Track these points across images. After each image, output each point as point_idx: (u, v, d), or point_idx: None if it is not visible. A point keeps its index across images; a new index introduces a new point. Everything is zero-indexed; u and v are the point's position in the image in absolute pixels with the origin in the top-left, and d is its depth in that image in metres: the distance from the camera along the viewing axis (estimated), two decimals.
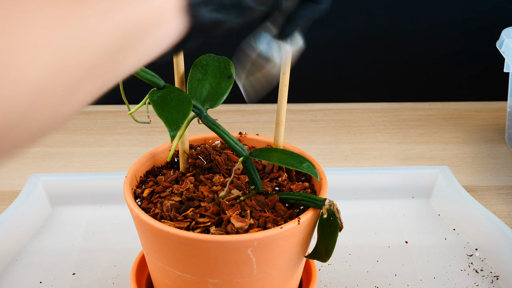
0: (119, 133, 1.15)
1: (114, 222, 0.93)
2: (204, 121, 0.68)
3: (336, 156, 1.09)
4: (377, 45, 1.21)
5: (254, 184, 0.70)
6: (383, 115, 1.20)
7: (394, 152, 1.10)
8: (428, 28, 1.20)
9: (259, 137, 0.80)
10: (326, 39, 1.20)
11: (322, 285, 0.83)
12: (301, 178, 0.75)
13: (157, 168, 0.76)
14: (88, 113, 1.21)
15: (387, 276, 0.84)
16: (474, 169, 1.06)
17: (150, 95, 0.65)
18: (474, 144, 1.12)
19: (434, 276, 0.84)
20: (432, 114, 1.20)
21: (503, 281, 0.83)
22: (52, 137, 1.14)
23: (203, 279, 0.66)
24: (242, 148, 0.69)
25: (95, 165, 1.07)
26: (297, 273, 0.72)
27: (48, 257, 0.87)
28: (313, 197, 0.67)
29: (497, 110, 1.21)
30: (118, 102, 1.23)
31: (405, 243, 0.90)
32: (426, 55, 1.22)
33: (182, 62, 0.72)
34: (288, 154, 0.68)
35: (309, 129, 1.16)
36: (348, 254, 0.88)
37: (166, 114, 0.62)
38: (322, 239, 0.68)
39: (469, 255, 0.88)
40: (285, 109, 0.73)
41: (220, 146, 0.78)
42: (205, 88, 0.70)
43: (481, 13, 1.18)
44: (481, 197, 0.99)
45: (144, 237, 0.68)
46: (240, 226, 0.65)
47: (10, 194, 0.99)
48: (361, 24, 1.20)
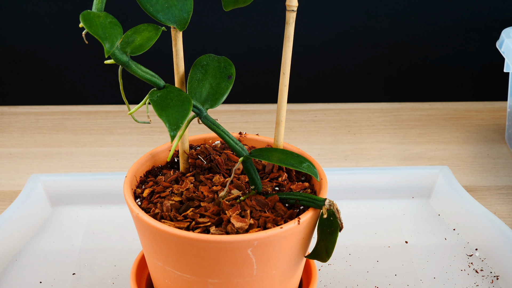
0: (119, 133, 1.15)
1: (114, 222, 0.93)
2: (204, 121, 0.68)
3: (336, 156, 1.09)
4: (377, 45, 1.21)
5: (254, 184, 0.70)
6: (383, 115, 1.20)
7: (394, 152, 1.10)
8: (428, 28, 1.20)
9: (259, 137, 0.80)
10: (326, 39, 1.20)
11: (322, 285, 0.83)
12: (301, 178, 0.75)
13: (157, 168, 0.76)
14: (88, 113, 1.21)
15: (387, 276, 0.84)
16: (474, 169, 1.06)
17: (150, 95, 0.65)
18: (474, 144, 1.12)
19: (434, 276, 0.84)
20: (432, 114, 1.21)
21: (503, 281, 0.83)
22: (52, 137, 1.14)
23: (203, 279, 0.66)
24: (242, 148, 0.69)
25: (95, 165, 1.07)
26: (297, 273, 0.72)
27: (48, 257, 0.87)
28: (313, 197, 0.67)
29: (497, 110, 1.21)
30: (118, 102, 1.23)
31: (405, 243, 0.90)
32: (426, 55, 1.22)
33: (182, 62, 0.72)
34: (288, 154, 0.68)
35: (309, 129, 1.16)
36: (348, 254, 0.88)
37: (166, 114, 0.62)
38: (322, 239, 0.68)
39: (469, 255, 0.88)
40: (285, 109, 0.73)
41: (220, 146, 0.78)
42: (205, 88, 0.70)
43: (481, 13, 1.18)
44: (481, 197, 0.99)
45: (144, 237, 0.68)
46: (240, 226, 0.65)
47: (10, 194, 1.00)
48: (361, 24, 1.20)
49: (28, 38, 1.19)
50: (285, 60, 0.71)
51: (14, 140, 1.13)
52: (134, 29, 0.66)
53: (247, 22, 1.19)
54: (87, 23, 0.59)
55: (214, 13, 1.16)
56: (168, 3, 0.66)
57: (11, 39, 1.19)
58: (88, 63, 1.21)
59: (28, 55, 1.21)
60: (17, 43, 1.20)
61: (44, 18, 1.18)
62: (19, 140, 1.14)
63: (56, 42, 1.20)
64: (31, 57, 1.21)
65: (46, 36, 1.19)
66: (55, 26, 1.19)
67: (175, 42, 0.70)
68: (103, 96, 1.24)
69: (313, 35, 1.20)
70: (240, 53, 1.21)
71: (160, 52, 0.98)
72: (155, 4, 0.66)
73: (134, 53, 0.64)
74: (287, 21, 0.70)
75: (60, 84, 1.23)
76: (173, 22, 0.67)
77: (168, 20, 0.66)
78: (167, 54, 0.82)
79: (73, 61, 1.22)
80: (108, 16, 0.61)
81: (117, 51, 0.63)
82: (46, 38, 1.20)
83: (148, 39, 0.64)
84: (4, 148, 1.11)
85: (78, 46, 1.17)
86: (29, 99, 1.23)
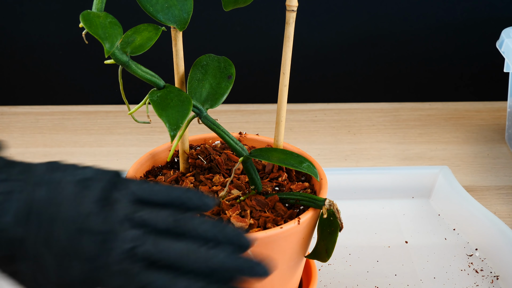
0: (119, 133, 1.15)
1: None
2: (204, 121, 0.68)
3: (336, 156, 1.09)
4: (377, 45, 1.21)
5: (254, 184, 0.70)
6: (383, 115, 1.20)
7: (394, 152, 1.10)
8: (428, 28, 1.20)
9: (259, 137, 0.80)
10: (326, 39, 1.20)
11: (322, 285, 0.83)
12: (301, 178, 0.75)
13: (157, 168, 0.76)
14: (88, 113, 1.21)
15: (387, 276, 0.84)
16: (474, 169, 1.06)
17: (150, 95, 0.65)
18: (474, 144, 1.12)
19: (434, 276, 0.84)
20: (432, 114, 1.20)
21: (503, 281, 0.83)
22: (52, 137, 1.14)
23: None
24: (242, 148, 0.69)
25: (95, 165, 1.07)
26: (297, 273, 0.72)
27: None
28: (313, 197, 0.67)
29: (497, 110, 1.21)
30: (118, 102, 1.23)
31: (405, 243, 0.90)
32: (426, 55, 1.22)
33: (182, 62, 0.72)
34: (288, 154, 0.68)
35: (309, 129, 1.16)
36: (348, 254, 0.88)
37: (166, 114, 0.62)
38: (322, 239, 0.68)
39: (469, 255, 0.88)
40: (285, 109, 0.73)
41: (220, 146, 0.78)
42: (205, 88, 0.70)
43: (481, 13, 1.18)
44: (481, 197, 0.99)
45: None
46: (240, 226, 0.65)
47: None
48: (361, 24, 1.20)
49: (28, 38, 1.19)
50: (285, 60, 0.71)
51: (14, 140, 1.13)
52: (134, 29, 0.66)
53: (247, 22, 1.19)
54: (87, 23, 0.59)
55: (214, 13, 1.16)
56: (168, 3, 0.66)
57: (11, 39, 1.19)
58: (88, 63, 1.21)
59: (28, 55, 1.21)
60: (17, 43, 1.20)
61: (44, 18, 1.18)
62: (19, 140, 1.14)
63: (56, 42, 1.20)
64: (31, 57, 1.21)
65: (46, 36, 1.19)
66: (55, 26, 1.18)
67: (175, 42, 0.70)
68: (103, 96, 1.24)
69: (313, 35, 1.20)
70: (240, 53, 1.21)
71: (160, 52, 0.98)
72: (155, 4, 0.66)
73: (134, 53, 0.64)
74: (287, 21, 0.70)
75: (60, 84, 1.23)
76: (173, 22, 0.67)
77: (168, 20, 0.66)
78: (167, 54, 0.82)
79: (73, 61, 1.22)
80: (108, 16, 0.61)
81: (117, 51, 0.63)
82: (46, 38, 1.19)
83: (148, 39, 0.64)
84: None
85: (78, 46, 1.16)
86: (29, 99, 1.23)
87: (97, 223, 0.51)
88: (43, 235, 0.51)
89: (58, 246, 0.51)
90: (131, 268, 0.50)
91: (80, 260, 0.51)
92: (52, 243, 0.51)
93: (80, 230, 0.51)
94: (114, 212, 0.52)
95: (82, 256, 0.51)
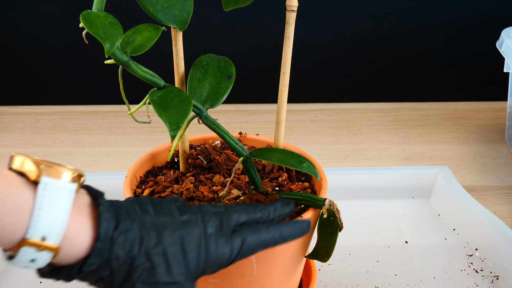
0: (119, 133, 1.15)
1: None
2: (204, 121, 0.68)
3: (336, 156, 1.09)
4: (377, 45, 1.21)
5: (254, 184, 0.70)
6: (383, 115, 1.20)
7: (394, 152, 1.10)
8: (428, 28, 1.20)
9: (259, 137, 0.80)
10: (326, 39, 1.20)
11: (322, 285, 0.83)
12: (301, 178, 0.75)
13: (157, 168, 0.76)
14: (88, 113, 1.21)
15: (387, 276, 0.84)
16: (474, 169, 1.06)
17: (150, 95, 0.65)
18: (474, 144, 1.12)
19: (434, 276, 0.84)
20: (432, 114, 1.20)
21: (503, 281, 0.83)
22: (52, 137, 1.14)
23: (203, 278, 0.66)
24: (242, 148, 0.69)
25: (95, 165, 1.07)
26: (297, 273, 0.72)
27: None
28: (313, 197, 0.67)
29: (497, 110, 1.21)
30: (118, 102, 1.23)
31: (405, 243, 0.90)
32: (426, 55, 1.22)
33: (182, 62, 0.72)
34: (288, 154, 0.68)
35: (309, 129, 1.16)
36: (348, 254, 0.88)
37: (166, 114, 0.62)
38: (322, 239, 0.68)
39: (469, 255, 0.88)
40: (285, 109, 0.73)
41: (220, 146, 0.78)
42: (205, 88, 0.70)
43: (481, 13, 1.18)
44: (481, 197, 0.99)
45: None
46: None
47: None
48: (361, 24, 1.20)
49: (28, 38, 1.19)
50: (285, 60, 0.71)
51: (14, 140, 1.13)
52: (134, 29, 0.66)
53: (247, 22, 1.19)
54: (88, 23, 0.59)
55: (214, 13, 1.16)
56: (168, 3, 0.66)
57: (11, 39, 1.19)
58: (88, 63, 1.21)
59: (28, 55, 1.21)
60: (17, 43, 1.20)
61: (44, 18, 1.18)
62: (19, 140, 1.14)
63: (56, 42, 1.20)
64: (31, 57, 1.21)
65: (46, 36, 1.19)
66: (55, 26, 1.19)
67: (175, 42, 0.70)
68: (103, 96, 1.24)
69: (313, 35, 1.20)
70: (240, 53, 1.21)
71: (160, 52, 0.98)
72: (155, 4, 0.66)
73: (134, 53, 0.64)
74: (287, 21, 0.70)
75: (60, 84, 1.23)
76: (173, 22, 0.67)
77: (168, 20, 0.66)
78: (167, 54, 0.82)
79: (73, 61, 1.22)
80: (108, 16, 0.61)
81: (117, 51, 0.63)
82: (46, 38, 1.20)
83: (148, 39, 0.64)
84: (4, 148, 1.11)
85: (78, 46, 1.16)
86: (29, 99, 1.23)
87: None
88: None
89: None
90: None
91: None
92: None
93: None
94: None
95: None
